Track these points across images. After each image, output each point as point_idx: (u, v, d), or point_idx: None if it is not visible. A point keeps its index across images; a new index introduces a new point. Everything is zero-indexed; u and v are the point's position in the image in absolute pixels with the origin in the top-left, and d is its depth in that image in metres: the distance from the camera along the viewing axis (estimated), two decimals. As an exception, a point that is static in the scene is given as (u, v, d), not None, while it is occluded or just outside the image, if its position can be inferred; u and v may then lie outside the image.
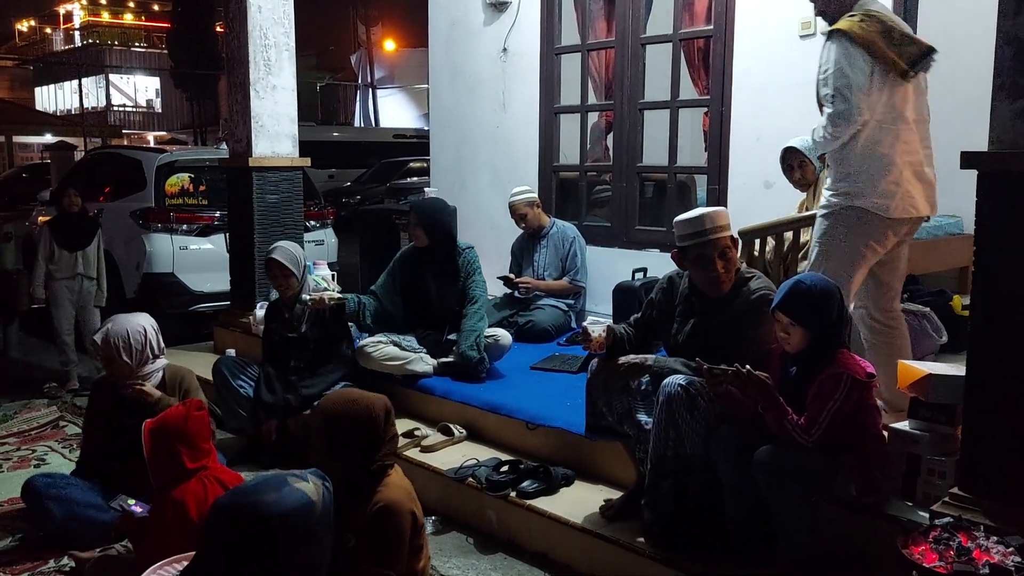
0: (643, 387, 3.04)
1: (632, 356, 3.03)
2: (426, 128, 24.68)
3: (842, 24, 3.08)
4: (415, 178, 17.37)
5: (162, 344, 3.60)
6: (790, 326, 2.68)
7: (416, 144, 21.65)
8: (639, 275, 5.12)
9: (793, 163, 4.16)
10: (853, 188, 3.11)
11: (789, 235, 3.92)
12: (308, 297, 4.23)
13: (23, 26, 45.95)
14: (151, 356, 3.50)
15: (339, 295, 4.34)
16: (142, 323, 3.51)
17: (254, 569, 1.73)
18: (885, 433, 2.81)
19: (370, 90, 33.98)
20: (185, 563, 2.66)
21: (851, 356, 2.71)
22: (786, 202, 4.43)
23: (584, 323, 3.14)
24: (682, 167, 5.50)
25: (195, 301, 6.74)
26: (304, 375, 4.23)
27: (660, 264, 4.92)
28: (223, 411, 4.28)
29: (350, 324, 4.45)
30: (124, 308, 6.74)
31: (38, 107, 39.79)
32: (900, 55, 3.04)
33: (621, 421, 3.04)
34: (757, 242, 3.99)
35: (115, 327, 3.45)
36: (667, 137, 5.46)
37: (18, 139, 32.36)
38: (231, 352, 4.87)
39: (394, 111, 34.22)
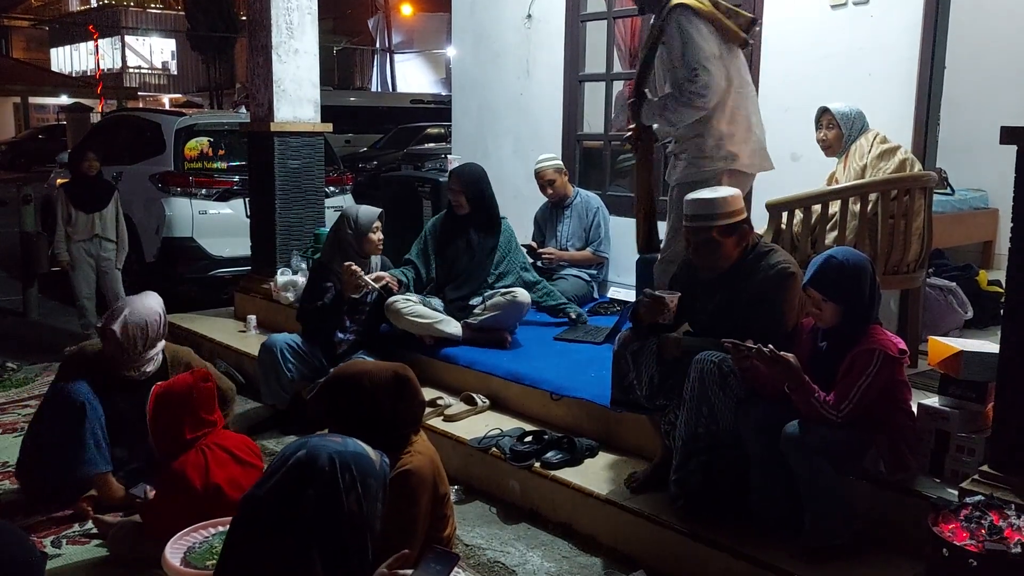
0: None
1: (671, 335, 3.01)
2: (444, 93, 24.57)
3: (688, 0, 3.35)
4: (432, 144, 17.28)
5: (166, 326, 3.50)
6: (822, 302, 2.66)
7: (434, 109, 21.53)
8: (663, 246, 5.07)
9: (822, 122, 4.11)
10: (726, 152, 3.45)
11: (817, 208, 3.87)
12: (375, 278, 4.18)
13: (39, -14, 45.71)
14: (159, 339, 3.39)
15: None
16: (155, 307, 3.38)
17: (305, 506, 1.73)
18: (915, 409, 2.80)
19: (387, 55, 33.71)
20: (210, 530, 2.70)
21: (883, 332, 2.69)
22: (814, 174, 4.37)
23: (656, 292, 3.05)
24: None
25: (214, 266, 6.77)
26: (357, 338, 4.23)
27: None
28: (265, 388, 4.22)
29: None
30: (144, 272, 6.83)
31: (53, 68, 39.74)
32: (737, 25, 3.37)
33: (651, 395, 3.03)
34: (784, 215, 3.94)
35: (133, 315, 3.28)
36: (693, 107, 5.37)
37: (34, 100, 32.38)
38: (285, 336, 4.33)
39: (412, 76, 33.98)
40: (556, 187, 5.39)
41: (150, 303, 3.39)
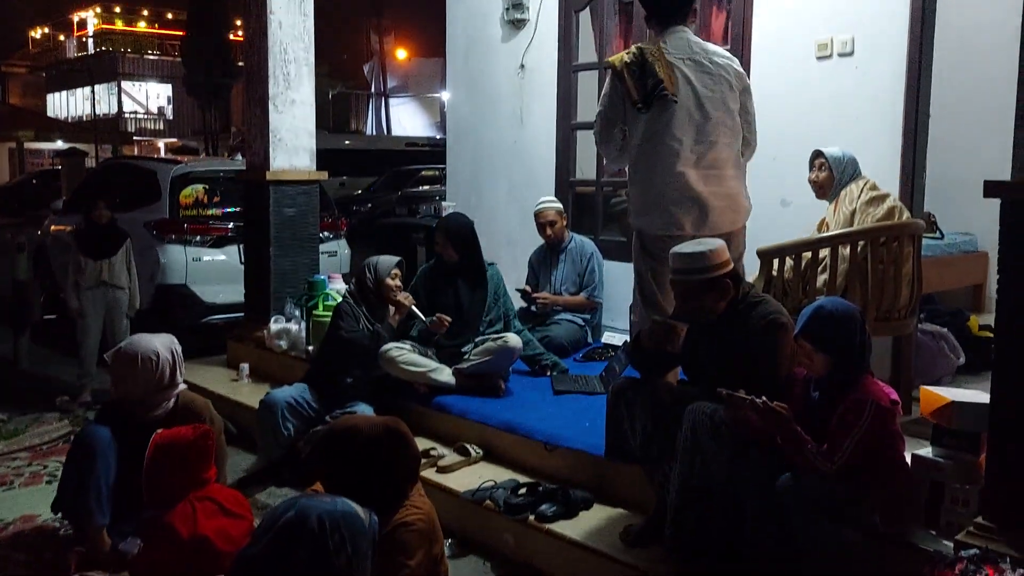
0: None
1: (665, 384, 3.03)
2: (438, 137, 24.82)
3: (612, 57, 3.54)
4: (427, 186, 17.43)
5: (181, 370, 3.40)
6: (813, 352, 2.68)
7: (428, 152, 21.73)
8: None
9: (814, 163, 4.18)
10: (631, 208, 3.58)
11: (807, 254, 3.92)
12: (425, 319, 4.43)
13: (36, 33, 46.33)
14: (166, 381, 3.29)
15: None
16: (158, 345, 3.31)
17: (296, 566, 1.72)
18: (909, 460, 2.80)
19: (383, 98, 34.12)
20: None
21: (875, 382, 2.70)
22: (804, 220, 4.42)
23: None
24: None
25: (208, 313, 6.74)
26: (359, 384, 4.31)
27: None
28: (262, 446, 4.23)
29: None
30: (137, 319, 6.82)
31: (49, 113, 40.07)
32: (636, 87, 3.40)
33: (645, 445, 3.02)
34: (775, 261, 3.98)
35: (130, 345, 3.28)
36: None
37: (29, 145, 32.56)
38: (285, 393, 4.29)
39: (406, 119, 34.37)
40: (556, 229, 5.44)
41: (155, 340, 3.34)
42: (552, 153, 6.21)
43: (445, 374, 4.36)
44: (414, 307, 4.45)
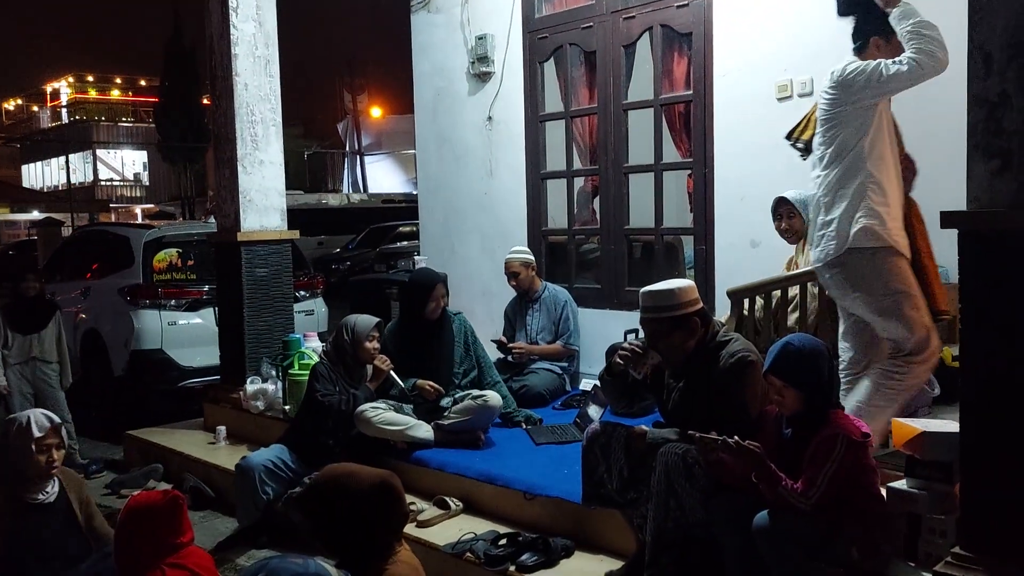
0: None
1: (638, 427, 3.02)
2: (414, 192, 24.97)
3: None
4: (405, 242, 17.50)
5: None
6: (783, 388, 2.69)
7: (405, 208, 21.86)
8: (631, 336, 5.11)
9: (782, 212, 4.22)
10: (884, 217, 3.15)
11: (777, 293, 3.96)
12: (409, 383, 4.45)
13: (10, 105, 46.55)
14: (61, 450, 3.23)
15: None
16: (47, 416, 3.25)
17: None
18: (884, 492, 2.80)
19: (357, 157, 34.39)
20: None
21: (845, 416, 2.72)
22: (774, 260, 4.48)
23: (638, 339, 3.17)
24: (669, 228, 5.56)
25: (184, 377, 6.69)
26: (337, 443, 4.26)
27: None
28: (241, 512, 4.18)
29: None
30: (112, 386, 6.73)
31: (25, 184, 40.02)
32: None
33: (622, 488, 3.01)
34: (746, 301, 4.02)
35: (39, 417, 3.18)
36: (653, 199, 5.53)
37: (5, 217, 32.45)
38: (262, 456, 4.25)
39: (382, 177, 34.61)
40: (520, 279, 5.46)
41: (46, 413, 3.29)
42: (523, 203, 6.27)
43: (423, 430, 4.32)
44: (392, 372, 4.42)
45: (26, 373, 5.45)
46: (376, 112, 36.45)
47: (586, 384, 5.39)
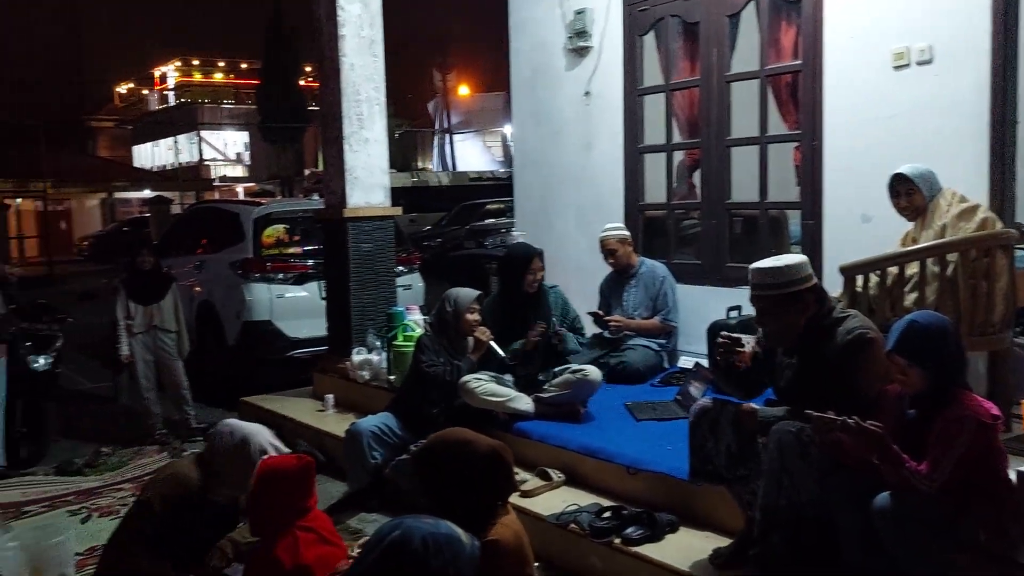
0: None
1: (748, 405, 2.98)
2: (502, 171, 25.08)
3: None
4: (493, 220, 17.64)
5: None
6: (907, 367, 2.60)
7: (493, 186, 21.99)
8: (733, 313, 5.04)
9: (900, 190, 4.04)
10: None
11: (894, 270, 3.81)
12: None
13: (122, 88, 48.89)
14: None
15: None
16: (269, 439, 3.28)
17: None
18: (1013, 476, 2.68)
19: (447, 135, 34.72)
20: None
21: (974, 397, 2.61)
22: (887, 236, 4.31)
23: (734, 334, 3.13)
24: (773, 202, 5.42)
25: (291, 347, 6.94)
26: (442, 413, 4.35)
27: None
28: (351, 475, 4.35)
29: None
30: (225, 355, 7.04)
31: (136, 164, 42.11)
32: None
33: (730, 465, 2.98)
34: (860, 278, 3.89)
35: (257, 441, 3.21)
36: (757, 173, 5.40)
37: (119, 195, 34.25)
38: (370, 422, 4.40)
39: (470, 155, 34.87)
40: (618, 256, 5.43)
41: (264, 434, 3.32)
42: (620, 178, 6.23)
43: (524, 402, 4.38)
44: (492, 342, 4.49)
45: (148, 342, 5.76)
46: (464, 90, 36.67)
47: (685, 361, 5.34)
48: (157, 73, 45.80)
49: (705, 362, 4.70)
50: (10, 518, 4.30)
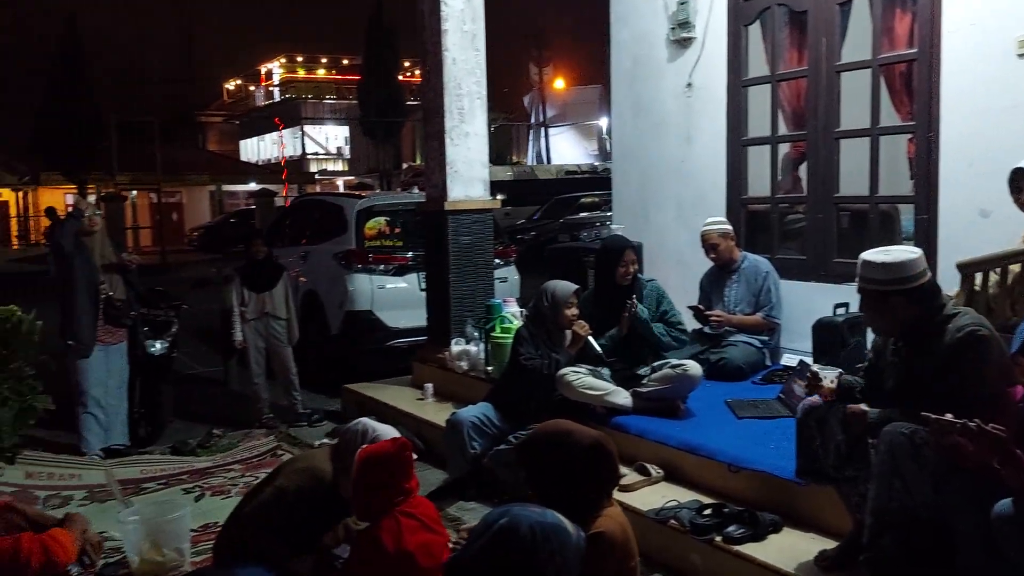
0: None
1: (858, 406, 2.89)
2: (596, 164, 24.98)
3: None
4: (587, 213, 17.60)
5: None
6: (1033, 369, 2.48)
7: (587, 179, 21.93)
8: (840, 310, 4.88)
9: (1022, 184, 3.84)
10: None
11: (1015, 268, 3.63)
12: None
13: (230, 85, 50.95)
14: None
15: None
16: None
17: (508, 571, 1.78)
18: None
19: (542, 129, 34.78)
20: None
21: (1106, 403, 2.46)
22: (1006, 233, 4.10)
23: (813, 367, 3.02)
24: (884, 196, 5.23)
25: (391, 337, 7.11)
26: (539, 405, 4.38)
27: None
28: (451, 464, 4.44)
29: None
30: (328, 344, 7.27)
31: (242, 158, 43.88)
32: None
33: (839, 465, 2.90)
34: (979, 276, 3.71)
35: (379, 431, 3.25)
36: (867, 165, 5.22)
37: (226, 187, 35.77)
38: (470, 412, 4.47)
39: (564, 148, 34.84)
40: (719, 251, 5.34)
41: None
42: (722, 171, 6.11)
43: (622, 396, 4.37)
44: (590, 337, 4.47)
45: (260, 328, 6.01)
46: (559, 84, 36.64)
47: (788, 359, 5.21)
48: (263, 70, 47.51)
49: (810, 360, 4.59)
50: (129, 494, 4.57)
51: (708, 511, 3.44)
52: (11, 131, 31.58)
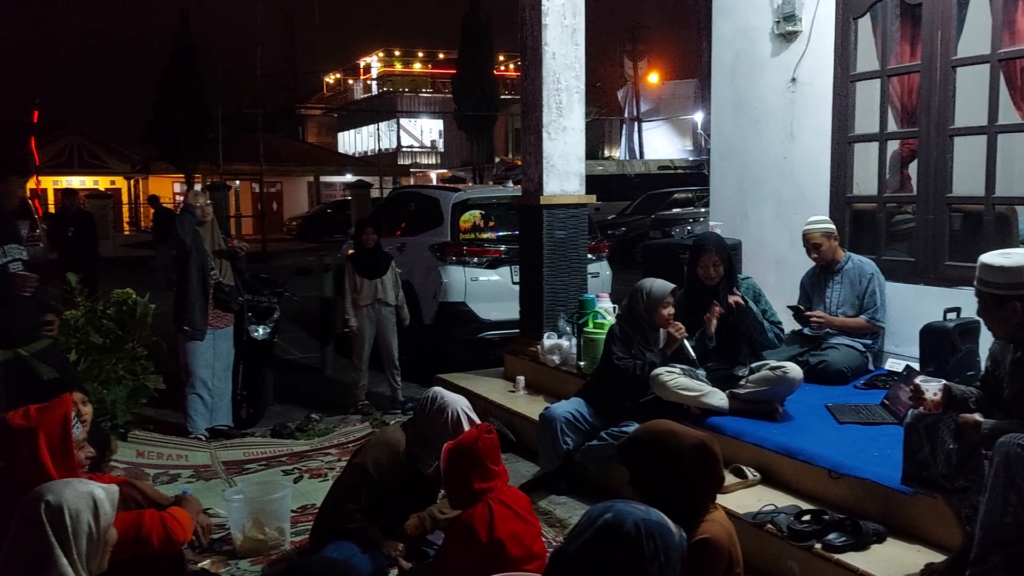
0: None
1: (971, 416, 2.78)
2: (690, 159, 24.52)
3: None
4: (679, 209, 17.32)
5: None
6: None
7: (680, 175, 21.58)
8: (951, 315, 4.68)
9: None
10: None
11: None
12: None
13: (330, 79, 52.33)
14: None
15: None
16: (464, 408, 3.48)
17: (612, 567, 1.78)
18: None
19: (635, 123, 34.43)
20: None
21: None
22: None
23: (916, 379, 2.92)
24: (1002, 197, 4.97)
25: (483, 329, 7.20)
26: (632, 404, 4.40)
27: (975, 304, 4.47)
28: (543, 458, 4.47)
29: None
30: (422, 334, 7.41)
31: (340, 150, 45.01)
32: None
33: (949, 474, 2.79)
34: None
35: (454, 409, 3.42)
36: (982, 165, 4.97)
37: (324, 179, 36.79)
38: (563, 408, 4.47)
39: (658, 143, 34.39)
40: (822, 251, 5.18)
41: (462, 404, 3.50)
42: (826, 169, 5.93)
43: (718, 398, 4.30)
44: (685, 340, 4.38)
45: (371, 315, 6.20)
46: (653, 78, 36.15)
47: (893, 364, 5.03)
48: (362, 63, 48.61)
49: (916, 365, 4.42)
50: (233, 474, 4.77)
51: (807, 517, 3.35)
52: (127, 123, 33.39)
